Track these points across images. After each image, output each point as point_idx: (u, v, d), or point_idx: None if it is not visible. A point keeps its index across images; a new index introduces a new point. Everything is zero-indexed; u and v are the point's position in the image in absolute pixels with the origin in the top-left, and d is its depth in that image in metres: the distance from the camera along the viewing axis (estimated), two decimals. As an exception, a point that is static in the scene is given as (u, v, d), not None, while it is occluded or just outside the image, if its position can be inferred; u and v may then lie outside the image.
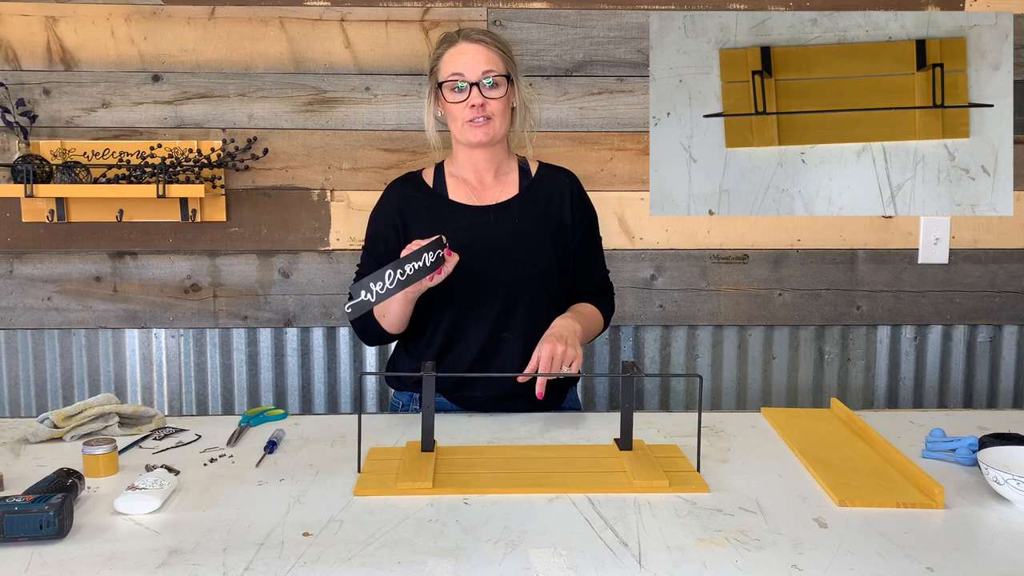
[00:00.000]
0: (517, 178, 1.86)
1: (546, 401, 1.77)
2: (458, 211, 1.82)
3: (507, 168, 1.86)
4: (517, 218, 1.81)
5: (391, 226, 1.85)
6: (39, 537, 1.16)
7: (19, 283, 2.52)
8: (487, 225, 1.80)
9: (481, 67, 1.74)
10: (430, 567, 1.11)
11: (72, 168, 2.38)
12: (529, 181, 1.86)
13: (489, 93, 1.74)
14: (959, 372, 2.70)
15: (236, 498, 1.32)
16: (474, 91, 1.74)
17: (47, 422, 1.58)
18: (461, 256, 1.72)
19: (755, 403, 2.68)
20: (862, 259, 2.63)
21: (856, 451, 1.52)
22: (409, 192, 1.87)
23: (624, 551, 1.15)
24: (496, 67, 1.74)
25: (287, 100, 2.50)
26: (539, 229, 1.81)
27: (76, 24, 2.44)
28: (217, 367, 2.59)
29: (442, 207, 1.83)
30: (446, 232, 1.68)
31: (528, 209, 1.83)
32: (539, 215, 1.82)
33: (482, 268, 1.76)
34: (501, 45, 1.78)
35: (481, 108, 1.74)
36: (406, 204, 1.85)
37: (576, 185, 1.89)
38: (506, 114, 1.78)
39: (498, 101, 1.75)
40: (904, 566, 1.12)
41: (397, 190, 1.89)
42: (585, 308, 1.85)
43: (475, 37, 1.76)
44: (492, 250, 1.78)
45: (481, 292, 1.77)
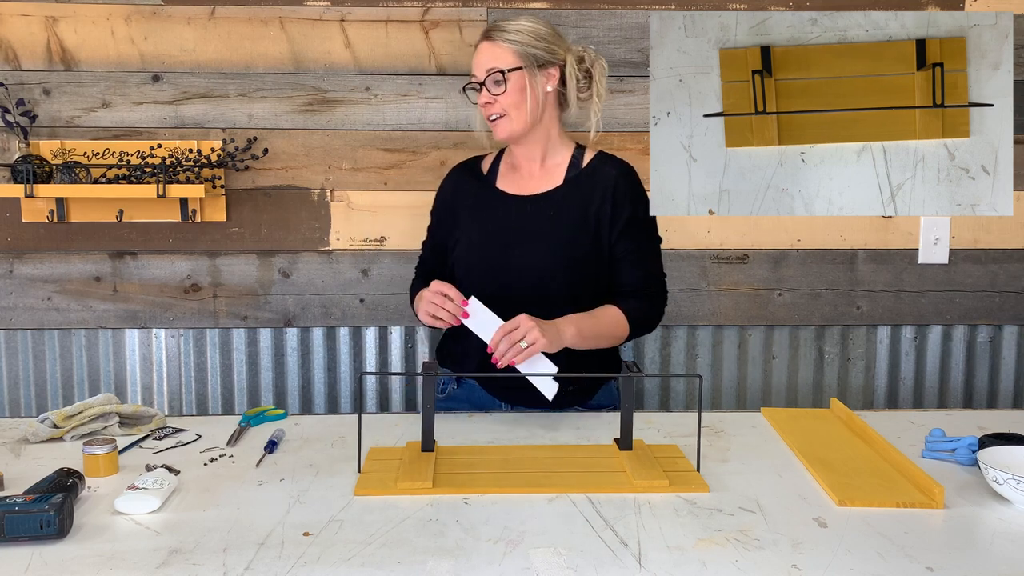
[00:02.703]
0: (565, 168, 1.83)
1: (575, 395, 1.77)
2: (501, 200, 1.83)
3: (557, 157, 1.84)
4: (553, 210, 1.79)
5: (445, 210, 1.91)
6: (39, 537, 1.16)
7: (19, 283, 2.52)
8: (523, 216, 1.80)
9: (485, 65, 1.74)
10: (430, 567, 1.11)
11: (72, 168, 2.38)
12: (576, 172, 1.83)
13: (494, 90, 1.74)
14: (959, 372, 2.70)
15: (236, 498, 1.32)
16: (483, 90, 1.76)
17: (47, 422, 1.58)
18: (492, 244, 1.77)
19: (755, 403, 2.68)
20: (862, 259, 2.63)
21: (856, 451, 1.52)
22: (464, 177, 1.91)
23: (624, 551, 1.15)
24: (500, 62, 1.73)
25: (287, 100, 2.50)
26: (574, 222, 1.78)
27: (76, 24, 2.44)
28: (217, 367, 2.59)
29: (488, 195, 1.85)
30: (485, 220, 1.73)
31: (567, 201, 1.80)
32: (577, 207, 1.79)
33: (515, 258, 1.77)
34: (514, 37, 1.74)
35: (489, 106, 1.75)
36: (458, 190, 1.90)
37: (625, 179, 1.81)
38: (521, 107, 1.75)
39: (506, 96, 1.74)
40: (904, 566, 1.12)
41: (454, 176, 1.94)
42: (605, 310, 1.78)
43: (487, 34, 1.77)
44: (525, 240, 1.78)
45: (513, 282, 1.77)
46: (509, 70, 1.73)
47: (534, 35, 1.75)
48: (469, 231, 1.84)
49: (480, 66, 1.76)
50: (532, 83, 1.75)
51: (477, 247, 1.83)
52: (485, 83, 1.75)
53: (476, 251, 1.83)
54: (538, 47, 1.75)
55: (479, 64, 1.76)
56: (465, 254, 1.84)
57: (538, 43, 1.75)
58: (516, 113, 1.75)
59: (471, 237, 1.84)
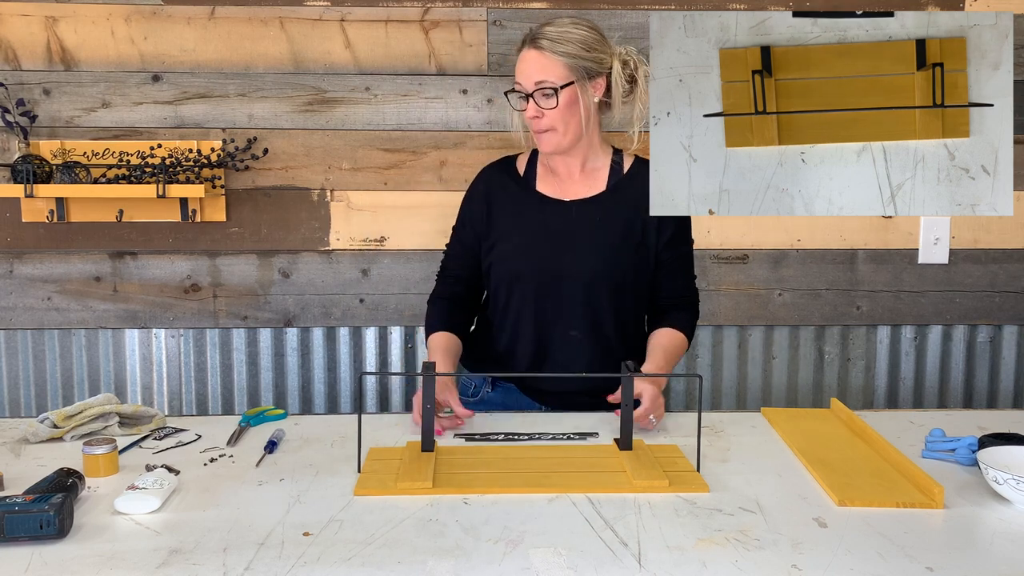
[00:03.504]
0: (607, 174, 1.81)
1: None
2: (542, 203, 1.80)
3: (597, 162, 1.82)
4: (599, 216, 1.77)
5: (479, 210, 1.84)
6: (39, 537, 1.16)
7: (19, 283, 2.52)
8: (568, 220, 1.78)
9: (534, 77, 1.68)
10: (430, 567, 1.11)
11: (72, 168, 2.38)
12: (618, 178, 1.81)
13: (543, 104, 1.69)
14: (959, 372, 2.70)
15: (236, 498, 1.32)
16: (530, 102, 1.69)
17: (47, 422, 1.58)
18: (535, 248, 1.74)
19: (755, 403, 2.68)
20: (862, 259, 2.63)
21: (856, 451, 1.52)
22: (500, 178, 1.85)
23: (624, 551, 1.15)
24: (551, 76, 1.67)
25: (287, 100, 2.50)
26: (619, 229, 1.77)
27: (76, 24, 2.44)
28: (217, 367, 2.59)
29: (528, 197, 1.81)
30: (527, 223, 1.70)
31: (612, 208, 1.78)
32: (622, 215, 1.78)
33: (557, 263, 1.75)
34: (564, 48, 1.67)
35: (538, 120, 1.70)
36: (494, 190, 1.84)
37: None
38: (571, 121, 1.71)
39: (555, 111, 1.69)
40: (904, 566, 1.12)
41: (489, 175, 1.87)
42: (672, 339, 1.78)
43: (535, 42, 1.68)
44: (568, 246, 1.76)
45: (553, 288, 1.76)
46: (562, 87, 1.68)
47: (584, 45, 1.69)
48: (510, 234, 1.80)
49: (528, 76, 1.69)
50: (583, 97, 1.71)
51: (522, 251, 1.79)
52: (533, 95, 1.69)
53: (521, 255, 1.78)
54: (588, 58, 1.69)
55: (527, 74, 1.69)
56: (509, 257, 1.80)
57: (588, 54, 1.69)
58: (565, 128, 1.72)
59: (514, 240, 1.80)
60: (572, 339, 1.78)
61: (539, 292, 1.76)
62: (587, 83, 1.71)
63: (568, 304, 1.76)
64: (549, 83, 1.68)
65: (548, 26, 1.70)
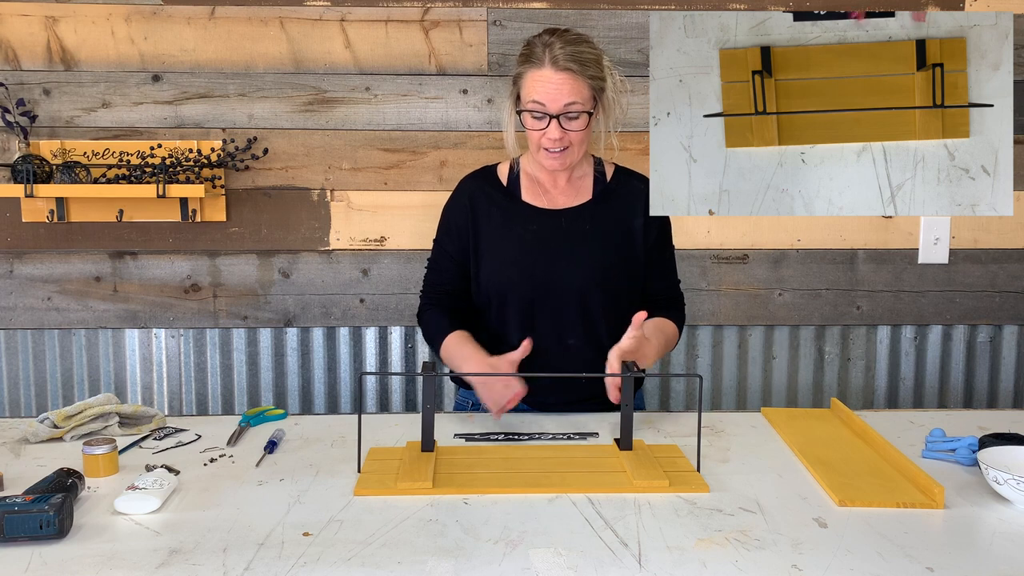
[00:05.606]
0: (591, 182, 1.81)
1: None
2: (530, 213, 1.78)
3: (582, 171, 1.81)
4: (588, 224, 1.78)
5: (462, 221, 1.80)
6: (39, 537, 1.16)
7: (19, 283, 2.52)
8: (558, 229, 1.77)
9: (564, 99, 1.64)
10: (430, 567, 1.11)
11: (72, 168, 2.38)
12: (603, 186, 1.81)
13: (569, 126, 1.66)
14: (959, 372, 2.70)
15: (236, 498, 1.32)
16: (553, 124, 1.65)
17: (47, 422, 1.58)
18: (529, 259, 1.73)
19: (755, 403, 2.68)
20: (862, 259, 2.63)
21: (856, 451, 1.52)
22: (483, 188, 1.82)
23: (624, 551, 1.15)
24: (581, 98, 1.64)
25: (287, 100, 2.50)
26: (610, 236, 1.78)
27: (76, 24, 2.44)
28: (217, 367, 2.59)
29: (514, 207, 1.79)
30: (518, 234, 1.69)
31: (600, 216, 1.79)
32: (611, 222, 1.78)
33: (551, 273, 1.75)
34: (591, 69, 1.65)
35: (559, 140, 1.67)
36: (478, 200, 1.80)
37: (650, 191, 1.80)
38: (585, 140, 1.71)
39: (577, 133, 1.67)
40: (904, 566, 1.12)
41: (471, 186, 1.83)
42: (665, 326, 1.78)
43: (563, 64, 1.62)
44: (561, 255, 1.76)
45: (548, 297, 1.76)
46: (590, 108, 1.66)
47: (600, 65, 1.67)
48: (500, 245, 1.79)
49: (556, 100, 1.63)
50: (596, 115, 1.70)
51: (514, 262, 1.77)
52: (560, 117, 1.65)
53: (514, 266, 1.77)
54: (601, 77, 1.68)
55: (554, 97, 1.63)
56: (501, 269, 1.78)
57: (602, 73, 1.68)
58: (579, 147, 1.71)
59: (505, 252, 1.78)
60: (570, 348, 1.78)
61: (534, 303, 1.76)
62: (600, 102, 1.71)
63: (563, 313, 1.77)
64: (579, 105, 1.65)
65: (568, 45, 1.64)
